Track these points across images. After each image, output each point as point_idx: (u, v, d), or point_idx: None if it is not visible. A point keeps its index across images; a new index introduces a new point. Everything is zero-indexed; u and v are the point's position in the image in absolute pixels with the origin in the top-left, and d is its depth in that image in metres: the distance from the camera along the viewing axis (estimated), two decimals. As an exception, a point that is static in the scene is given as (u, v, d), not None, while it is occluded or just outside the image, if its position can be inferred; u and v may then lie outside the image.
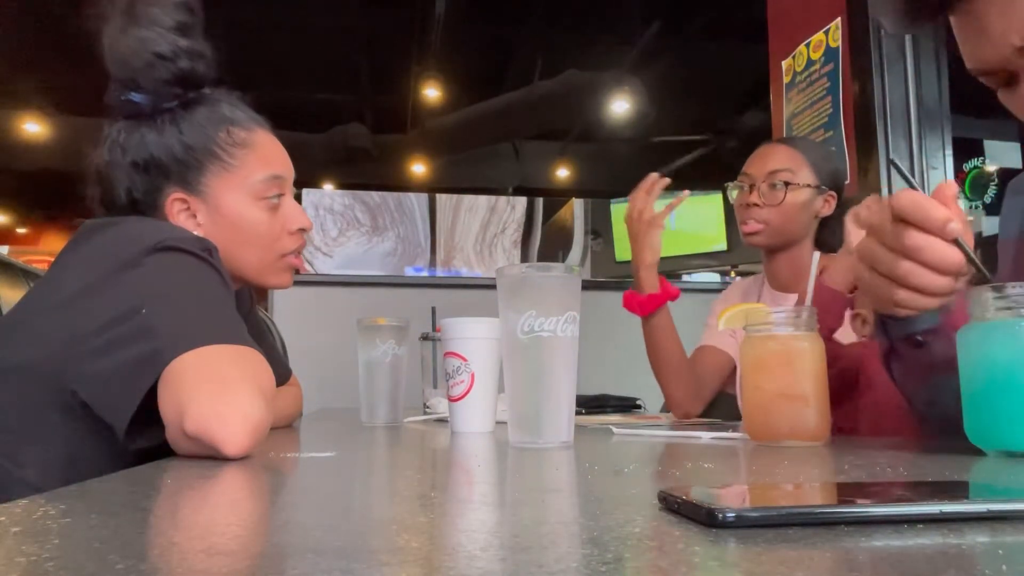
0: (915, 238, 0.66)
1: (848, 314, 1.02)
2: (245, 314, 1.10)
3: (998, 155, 4.58)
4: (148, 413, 0.67)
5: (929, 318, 0.72)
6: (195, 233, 0.91)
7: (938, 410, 0.76)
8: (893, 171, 2.15)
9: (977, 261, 0.67)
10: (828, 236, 1.49)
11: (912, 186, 0.69)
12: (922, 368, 0.76)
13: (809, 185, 1.43)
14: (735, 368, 1.56)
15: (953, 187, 0.68)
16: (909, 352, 0.76)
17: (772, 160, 1.46)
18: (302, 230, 1.03)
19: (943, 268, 0.66)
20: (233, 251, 0.96)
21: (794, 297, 1.47)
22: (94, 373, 0.71)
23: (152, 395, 0.67)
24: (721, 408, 1.65)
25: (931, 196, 0.67)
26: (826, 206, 1.46)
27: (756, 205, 1.44)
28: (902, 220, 0.66)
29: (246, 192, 0.97)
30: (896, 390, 0.83)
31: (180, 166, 0.94)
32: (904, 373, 0.80)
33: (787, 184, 1.42)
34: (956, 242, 0.66)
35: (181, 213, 0.95)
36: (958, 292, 0.70)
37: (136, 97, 0.92)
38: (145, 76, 0.91)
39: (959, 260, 0.66)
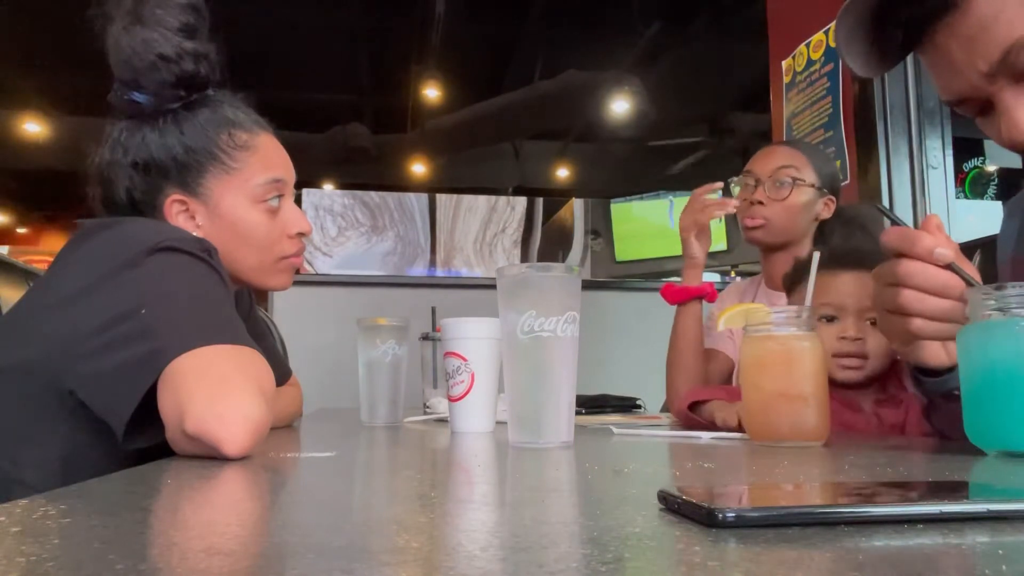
0: (906, 265, 0.69)
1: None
2: (245, 314, 1.10)
3: (998, 155, 4.59)
4: (147, 413, 0.67)
5: None
6: (194, 234, 0.91)
7: None
8: (893, 171, 2.15)
9: (972, 281, 0.69)
10: (825, 239, 1.49)
11: (898, 224, 0.73)
12: (961, 418, 0.77)
13: (813, 185, 1.44)
14: (733, 369, 1.56)
15: (936, 218, 0.72)
16: (947, 406, 0.77)
17: (777, 158, 1.47)
18: (301, 234, 1.03)
19: (940, 291, 0.69)
20: (232, 253, 0.95)
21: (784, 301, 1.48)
22: (93, 373, 0.71)
23: (150, 395, 0.67)
24: (721, 408, 1.65)
25: (918, 229, 0.71)
26: (826, 209, 1.47)
27: (760, 203, 1.44)
28: (897, 255, 0.70)
29: (246, 195, 0.97)
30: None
31: (180, 168, 0.94)
32: (943, 423, 0.81)
33: (794, 180, 1.43)
34: (951, 267, 0.69)
35: (180, 215, 0.95)
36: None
37: (139, 98, 0.92)
38: (148, 77, 0.91)
39: (955, 282, 0.69)
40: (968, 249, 1.38)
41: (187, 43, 0.91)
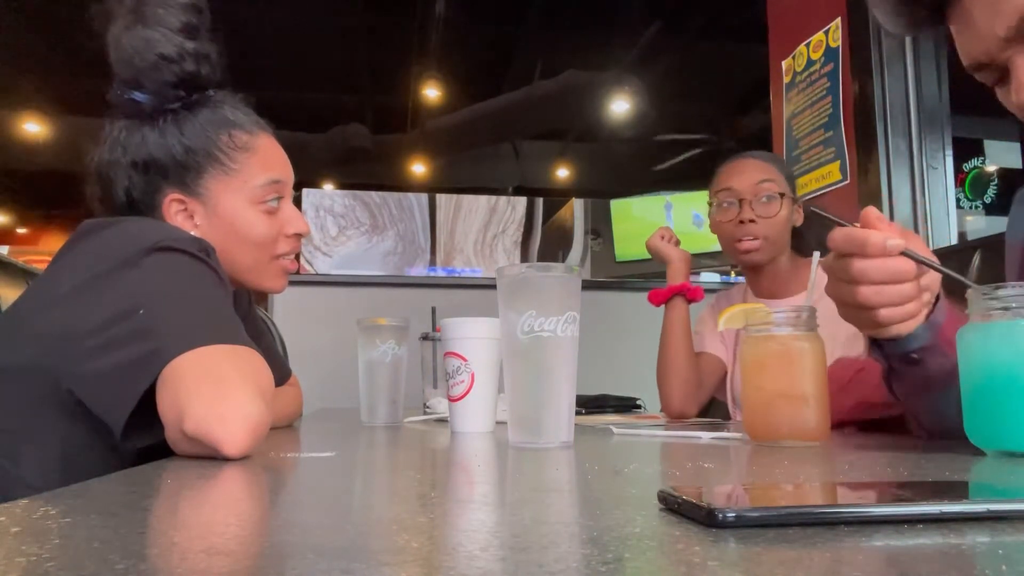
0: (856, 265, 0.69)
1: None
2: (243, 314, 1.10)
3: (998, 155, 4.59)
4: (146, 412, 0.67)
5: (921, 335, 0.73)
6: (193, 234, 0.91)
7: (943, 424, 0.77)
8: (893, 171, 2.15)
9: (929, 262, 0.70)
10: (800, 245, 1.51)
11: (840, 224, 0.73)
12: (921, 384, 0.77)
13: (793, 197, 1.46)
14: (726, 373, 1.57)
15: (873, 211, 0.72)
16: (907, 370, 0.77)
17: (755, 172, 1.45)
18: (298, 235, 1.03)
19: (896, 279, 0.70)
20: (229, 253, 0.95)
21: (779, 304, 1.48)
22: (91, 373, 0.71)
23: (149, 394, 0.67)
24: (720, 408, 1.65)
25: (861, 225, 0.71)
26: (798, 216, 1.48)
27: (752, 221, 1.43)
28: (844, 255, 0.70)
29: (245, 196, 0.97)
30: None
31: (179, 167, 0.94)
32: (904, 391, 0.81)
33: (782, 195, 1.43)
34: (904, 253, 0.69)
35: (179, 214, 0.95)
36: (932, 290, 0.73)
37: (139, 97, 0.92)
38: (149, 77, 0.91)
39: (908, 266, 0.69)
40: (968, 250, 1.38)
41: (188, 43, 0.91)
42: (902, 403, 0.84)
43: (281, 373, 1.23)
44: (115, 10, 0.90)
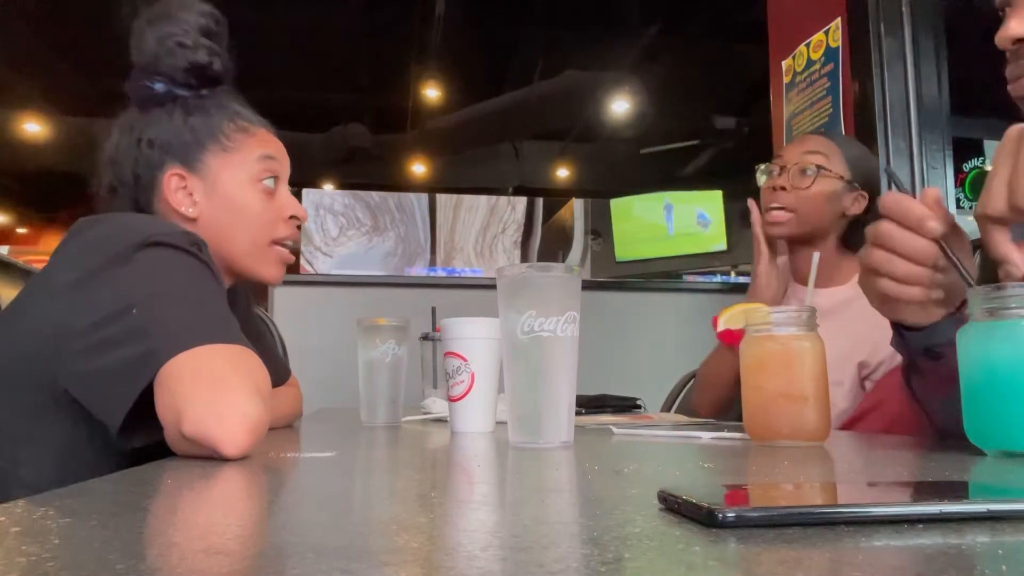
0: (884, 227, 0.69)
1: None
2: (243, 314, 1.10)
3: (998, 155, 4.57)
4: (143, 412, 0.67)
5: (947, 329, 0.73)
6: (190, 212, 0.96)
7: (957, 428, 0.77)
8: (895, 169, 2.15)
9: (959, 264, 0.68)
10: (857, 238, 1.43)
11: (903, 191, 0.72)
12: (940, 382, 0.77)
13: (841, 177, 1.38)
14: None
15: (935, 191, 0.71)
16: (928, 366, 0.77)
17: (808, 144, 1.43)
18: (295, 218, 1.04)
19: (911, 255, 0.69)
20: (226, 233, 0.97)
21: (821, 293, 1.43)
22: (87, 372, 0.71)
23: (146, 394, 0.67)
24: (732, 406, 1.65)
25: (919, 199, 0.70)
26: (855, 205, 1.41)
27: (783, 188, 1.40)
28: (886, 218, 0.70)
29: (244, 173, 0.99)
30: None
31: (181, 144, 0.97)
32: (923, 388, 0.81)
33: (819, 168, 1.38)
34: (938, 243, 0.68)
35: (179, 191, 0.96)
36: (945, 286, 0.72)
37: (154, 86, 0.97)
38: (165, 62, 0.96)
39: (930, 250, 0.68)
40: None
41: (204, 39, 0.97)
42: (919, 401, 0.83)
43: (281, 373, 1.23)
44: (140, 9, 0.97)
